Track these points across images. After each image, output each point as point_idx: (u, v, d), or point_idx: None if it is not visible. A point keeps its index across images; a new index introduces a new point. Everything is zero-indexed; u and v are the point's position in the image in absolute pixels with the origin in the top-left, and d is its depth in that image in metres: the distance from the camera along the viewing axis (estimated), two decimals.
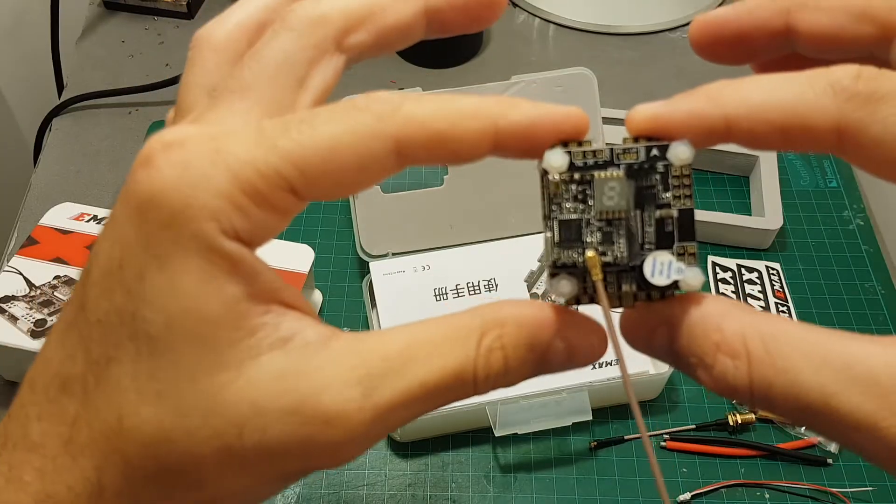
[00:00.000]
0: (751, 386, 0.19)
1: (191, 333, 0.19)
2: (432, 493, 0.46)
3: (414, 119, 0.20)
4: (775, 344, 0.19)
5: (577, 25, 0.73)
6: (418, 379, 0.20)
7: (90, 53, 0.71)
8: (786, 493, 0.46)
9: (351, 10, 0.22)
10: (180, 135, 0.19)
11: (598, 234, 0.21)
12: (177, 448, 0.19)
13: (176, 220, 0.18)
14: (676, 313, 0.21)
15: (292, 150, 0.19)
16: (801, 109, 0.19)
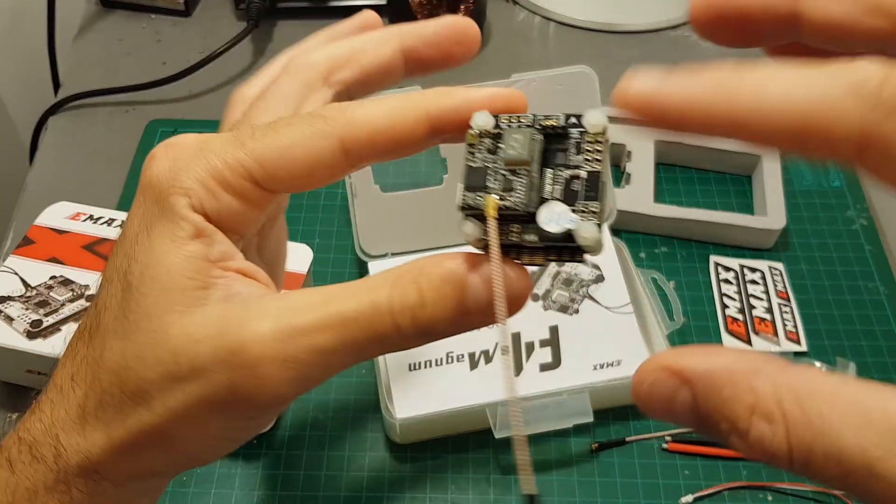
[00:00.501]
0: (790, 451, 0.17)
1: (155, 279, 0.23)
2: (432, 496, 0.46)
3: (355, 117, 0.23)
4: (812, 403, 0.17)
5: (577, 23, 0.73)
6: (334, 309, 0.22)
7: (87, 51, 0.70)
8: (789, 496, 0.46)
9: (335, 55, 0.28)
10: (179, 138, 0.25)
11: (501, 181, 0.22)
12: (132, 374, 0.23)
13: (161, 195, 0.24)
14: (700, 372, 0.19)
15: (255, 148, 0.23)
16: (819, 115, 0.17)
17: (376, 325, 0.22)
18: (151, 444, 0.24)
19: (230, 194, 0.24)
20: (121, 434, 0.24)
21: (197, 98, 0.67)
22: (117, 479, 0.24)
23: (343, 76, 0.27)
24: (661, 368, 0.19)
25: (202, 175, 0.23)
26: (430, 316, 0.22)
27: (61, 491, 0.24)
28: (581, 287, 0.50)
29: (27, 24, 0.82)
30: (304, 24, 0.73)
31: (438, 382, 0.47)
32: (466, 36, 0.28)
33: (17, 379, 0.48)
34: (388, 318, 0.22)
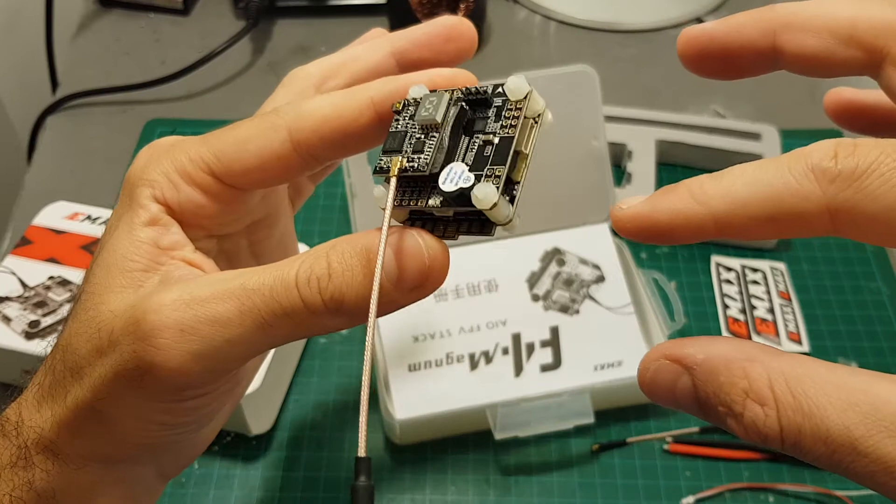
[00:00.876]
0: (781, 432, 0.19)
1: (105, 262, 0.25)
2: (431, 497, 0.45)
3: (302, 109, 0.24)
4: (800, 386, 0.19)
5: (578, 22, 0.73)
6: (238, 281, 0.22)
7: (85, 51, 0.70)
8: (790, 497, 0.45)
9: (328, 64, 0.29)
10: (160, 140, 0.27)
11: (413, 144, 0.22)
12: (71, 350, 0.24)
13: (132, 187, 0.25)
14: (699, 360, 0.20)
15: (215, 144, 0.25)
16: (787, 200, 0.19)
17: (280, 296, 0.22)
18: (88, 421, 0.24)
19: (191, 186, 0.25)
20: (62, 409, 0.24)
21: (195, 97, 0.67)
22: (71, 460, 0.25)
23: (335, 83, 0.28)
24: (664, 356, 0.21)
25: (167, 168, 0.25)
26: (336, 288, 0.22)
27: (22, 466, 0.25)
28: (582, 287, 0.50)
29: (25, 23, 0.81)
30: (303, 22, 0.73)
31: (438, 383, 0.47)
32: (459, 33, 0.28)
33: (14, 380, 0.47)
34: (292, 290, 0.22)
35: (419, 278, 0.22)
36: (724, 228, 0.20)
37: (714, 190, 0.20)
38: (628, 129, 0.59)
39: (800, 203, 0.19)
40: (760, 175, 0.20)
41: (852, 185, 0.18)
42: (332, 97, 0.24)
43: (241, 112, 0.72)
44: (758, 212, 0.19)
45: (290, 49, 0.71)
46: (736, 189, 0.20)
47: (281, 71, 0.69)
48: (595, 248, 0.52)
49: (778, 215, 0.19)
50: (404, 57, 0.28)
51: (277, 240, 0.31)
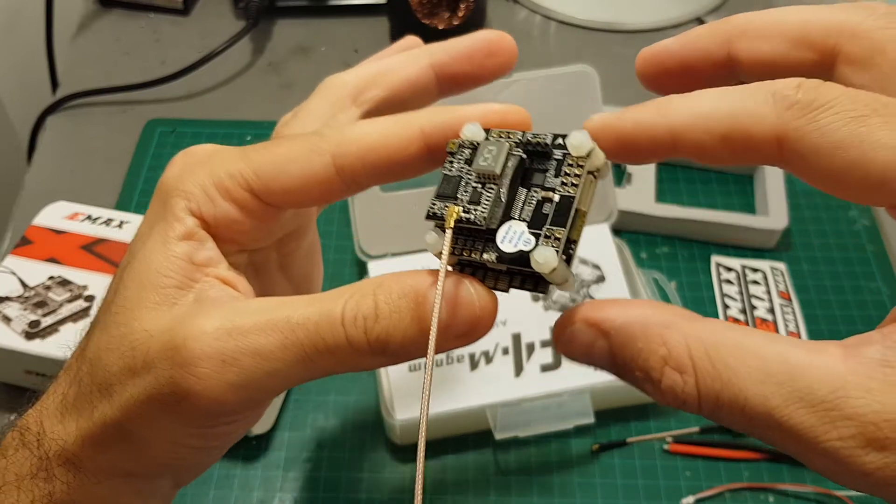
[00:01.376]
0: (699, 399, 0.19)
1: (137, 275, 0.24)
2: (432, 497, 0.45)
3: (347, 135, 0.24)
4: (718, 354, 0.19)
5: (578, 22, 0.73)
6: (283, 314, 0.22)
7: (85, 51, 0.70)
8: (790, 497, 0.45)
9: (366, 74, 0.28)
10: (196, 147, 0.26)
11: (470, 193, 0.21)
12: (101, 364, 0.24)
13: (165, 197, 0.24)
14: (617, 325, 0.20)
15: (255, 159, 0.24)
16: (742, 118, 0.19)
17: (324, 332, 0.21)
18: (115, 439, 0.24)
19: (228, 201, 0.24)
20: (88, 424, 0.24)
21: (195, 97, 0.66)
22: (93, 473, 0.24)
23: (371, 95, 0.28)
24: (581, 320, 0.21)
25: (204, 181, 0.24)
26: (383, 329, 0.21)
27: (43, 478, 0.24)
28: (582, 287, 0.50)
29: (25, 23, 0.81)
30: (303, 22, 0.73)
31: (439, 383, 0.47)
32: (500, 47, 0.28)
33: (15, 380, 0.47)
34: (338, 327, 0.21)
35: (468, 328, 0.21)
36: (679, 143, 0.20)
37: (678, 103, 0.20)
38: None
39: (753, 124, 0.19)
40: (724, 95, 0.20)
41: (806, 116, 0.19)
42: (381, 124, 0.24)
43: (241, 112, 0.72)
44: (713, 127, 0.20)
45: (290, 49, 0.71)
46: (698, 104, 0.20)
47: (281, 70, 0.69)
48: (595, 248, 0.52)
49: (731, 134, 0.20)
50: (443, 70, 0.28)
51: (305, 251, 0.30)
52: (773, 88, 0.19)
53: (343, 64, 0.70)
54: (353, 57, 0.70)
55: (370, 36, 0.72)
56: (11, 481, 0.24)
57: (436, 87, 0.28)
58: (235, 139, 0.63)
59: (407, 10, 0.66)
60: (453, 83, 0.28)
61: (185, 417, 0.23)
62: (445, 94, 0.29)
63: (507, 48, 0.28)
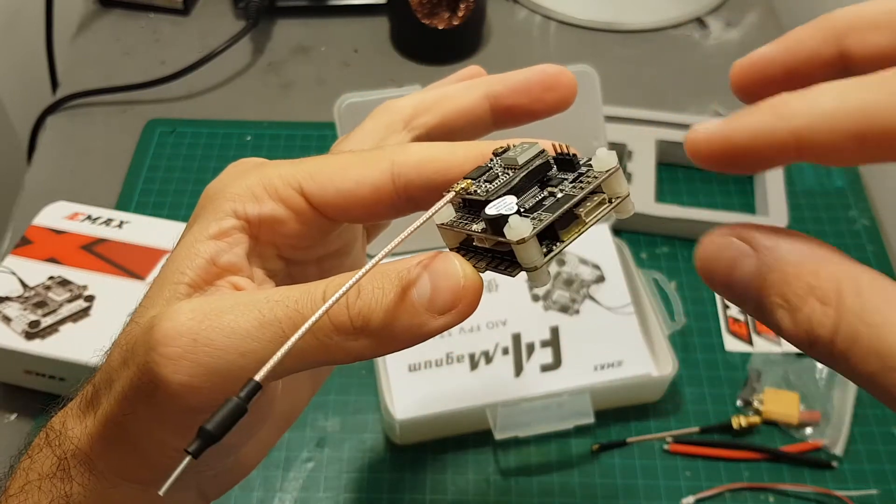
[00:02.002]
0: (834, 335, 0.17)
1: (162, 274, 0.24)
2: (432, 497, 0.45)
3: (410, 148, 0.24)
4: (871, 296, 0.17)
5: (578, 22, 0.73)
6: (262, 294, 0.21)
7: (85, 51, 0.70)
8: (790, 497, 0.45)
9: (421, 100, 0.28)
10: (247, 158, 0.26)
11: (487, 174, 0.22)
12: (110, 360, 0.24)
13: (209, 199, 0.25)
14: (770, 245, 0.19)
15: (311, 165, 0.24)
16: (879, 114, 0.17)
17: (304, 308, 0.21)
18: (115, 437, 0.23)
19: (275, 201, 0.24)
20: (93, 421, 0.24)
21: (195, 97, 0.66)
22: (108, 476, 0.24)
23: (424, 120, 0.28)
24: (736, 233, 0.20)
25: (253, 183, 0.24)
26: (365, 304, 0.20)
27: (61, 478, 0.24)
28: (582, 287, 0.50)
29: (25, 23, 0.81)
30: (303, 22, 0.73)
31: (438, 383, 0.47)
32: (558, 82, 0.27)
33: (15, 380, 0.47)
34: (318, 304, 0.20)
35: (451, 300, 0.20)
36: (806, 147, 0.18)
37: (798, 103, 0.18)
38: (628, 129, 0.59)
39: (892, 118, 0.17)
40: (851, 88, 0.18)
41: None
42: (442, 144, 0.24)
43: (241, 112, 0.72)
44: (844, 127, 0.18)
45: (290, 49, 0.71)
46: (822, 101, 0.18)
47: (281, 71, 0.69)
48: (595, 248, 0.52)
49: (868, 132, 0.17)
50: (499, 102, 0.27)
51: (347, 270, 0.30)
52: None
53: (343, 64, 0.70)
54: (353, 57, 0.70)
55: (370, 36, 0.72)
56: (34, 480, 0.24)
57: (490, 118, 0.28)
58: (235, 139, 0.63)
59: (407, 10, 0.66)
60: (508, 115, 0.28)
61: (163, 410, 0.22)
62: (500, 126, 0.28)
63: (565, 84, 0.27)
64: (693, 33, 0.72)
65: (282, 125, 0.64)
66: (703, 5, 0.74)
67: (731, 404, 0.49)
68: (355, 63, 0.70)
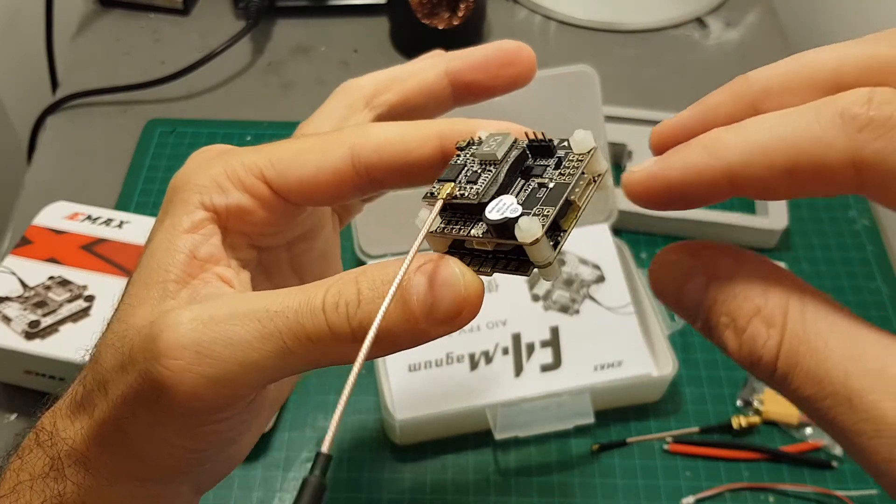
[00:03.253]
0: (777, 358, 0.18)
1: (143, 272, 0.24)
2: (432, 498, 0.45)
3: (367, 130, 0.24)
4: (815, 321, 0.17)
5: (578, 22, 0.73)
6: (261, 303, 0.21)
7: (85, 51, 0.70)
8: (790, 497, 0.45)
9: (381, 79, 0.28)
10: (212, 146, 0.26)
11: (468, 175, 0.22)
12: (101, 361, 0.24)
13: (176, 191, 0.25)
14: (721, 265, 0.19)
15: (272, 152, 0.25)
16: (808, 146, 0.17)
17: (305, 320, 0.20)
18: (113, 438, 0.23)
19: (240, 191, 0.24)
20: (90, 422, 0.24)
21: (195, 97, 0.66)
22: (103, 475, 0.24)
23: (385, 98, 0.28)
24: (687, 250, 0.20)
25: (217, 174, 0.24)
26: (365, 314, 0.20)
27: (54, 478, 0.24)
28: (582, 287, 0.50)
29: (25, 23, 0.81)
30: (303, 22, 0.73)
31: (438, 383, 0.47)
32: (517, 58, 0.27)
33: (15, 380, 0.47)
34: (319, 314, 0.20)
35: (453, 309, 0.20)
36: (739, 183, 0.18)
37: (730, 139, 0.18)
38: (628, 129, 0.59)
39: (822, 151, 0.17)
40: (782, 121, 0.18)
41: (885, 136, 0.16)
42: (400, 125, 0.24)
43: (241, 112, 0.72)
44: (776, 162, 0.17)
45: (290, 49, 0.71)
46: (754, 137, 0.18)
47: (281, 71, 0.69)
48: (595, 247, 0.52)
49: (798, 166, 0.17)
50: (458, 78, 0.28)
51: (319, 253, 0.30)
52: (838, 107, 0.17)
53: (343, 64, 0.70)
54: (352, 57, 0.70)
55: (370, 36, 0.72)
56: (25, 481, 0.24)
57: (450, 95, 0.28)
58: (235, 139, 0.63)
59: (407, 10, 0.66)
60: (467, 92, 0.28)
61: (165, 414, 0.22)
62: (460, 103, 0.28)
63: (524, 60, 0.27)
64: (693, 33, 0.72)
65: (282, 125, 0.64)
66: (703, 5, 0.74)
67: (731, 404, 0.49)
68: (355, 63, 0.70)
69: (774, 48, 0.70)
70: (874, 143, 0.17)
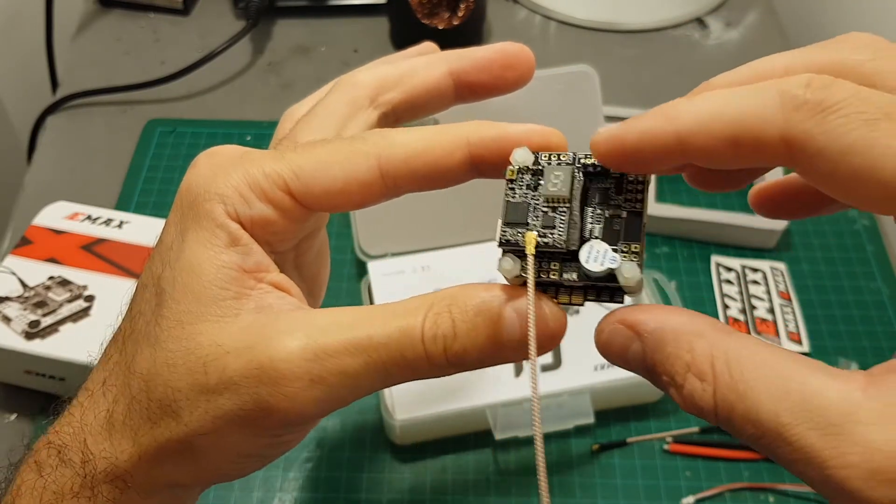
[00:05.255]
0: (715, 408, 0.19)
1: (188, 288, 0.23)
2: (432, 498, 0.45)
3: (393, 140, 0.24)
4: (739, 368, 0.19)
5: (578, 23, 0.73)
6: (364, 332, 0.22)
7: (85, 51, 0.70)
8: (790, 497, 0.45)
9: (385, 76, 0.28)
10: (222, 148, 0.25)
11: (541, 218, 0.22)
12: (161, 381, 0.23)
13: (196, 201, 0.24)
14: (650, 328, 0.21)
15: (293, 159, 0.24)
16: (749, 120, 0.19)
17: (406, 352, 0.22)
18: (176, 455, 0.23)
19: (264, 203, 0.24)
20: (147, 442, 0.23)
21: (195, 97, 0.67)
22: (143, 488, 0.24)
23: (390, 97, 0.27)
24: (619, 321, 0.22)
25: (238, 182, 0.23)
26: (461, 348, 0.22)
27: (86, 497, 0.24)
28: None
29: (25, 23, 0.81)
30: (304, 22, 0.73)
31: (438, 384, 0.47)
32: (519, 60, 0.28)
33: (15, 380, 0.47)
34: (418, 345, 0.22)
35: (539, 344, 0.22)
36: (687, 148, 0.20)
37: (684, 107, 0.20)
38: None
39: (760, 126, 0.19)
40: (731, 96, 0.20)
41: (814, 117, 0.18)
42: (427, 132, 0.24)
43: (241, 112, 0.72)
44: (720, 131, 0.19)
45: (290, 49, 0.71)
46: (704, 107, 0.20)
47: (281, 71, 0.69)
48: None
49: (739, 137, 0.19)
50: (461, 79, 0.28)
51: (316, 250, 0.30)
52: (781, 87, 0.19)
53: (343, 64, 0.70)
54: (353, 57, 0.70)
55: (370, 36, 0.72)
56: (50, 500, 0.24)
57: (453, 93, 0.28)
58: (235, 139, 0.63)
59: (407, 10, 0.66)
60: (469, 91, 0.28)
61: (262, 430, 0.23)
62: (461, 101, 0.29)
63: (525, 63, 0.28)
64: (693, 33, 0.72)
65: None
66: (703, 5, 0.74)
67: None
68: (355, 63, 0.69)
69: (774, 48, 0.70)
70: (805, 122, 0.18)
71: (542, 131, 0.24)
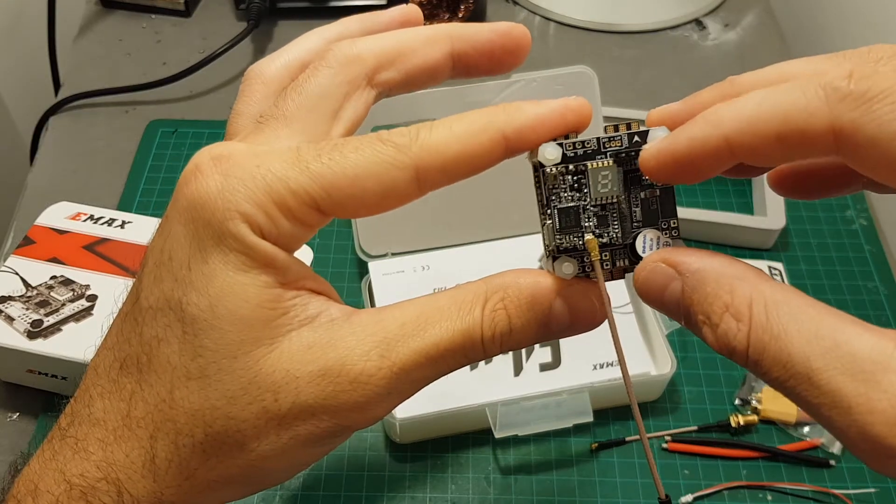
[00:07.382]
0: (747, 348, 0.20)
1: (232, 315, 0.22)
2: (432, 496, 0.46)
3: (430, 146, 0.22)
4: (776, 312, 0.20)
5: (577, 23, 0.73)
6: (432, 340, 0.23)
7: (87, 52, 0.70)
8: (788, 495, 0.46)
9: (383, 51, 0.25)
10: (228, 149, 0.23)
11: (594, 218, 0.23)
12: (220, 414, 0.22)
13: (216, 219, 0.22)
14: (693, 269, 0.21)
15: (322, 174, 0.22)
16: (795, 115, 0.19)
17: (468, 353, 0.23)
18: (240, 479, 0.23)
19: (290, 221, 0.22)
20: (203, 474, 0.23)
21: (197, 98, 0.67)
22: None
23: (389, 76, 0.26)
24: (662, 259, 0.22)
25: (262, 199, 0.22)
26: (516, 342, 0.23)
27: None
28: None
29: (27, 24, 0.82)
30: (305, 24, 0.73)
31: (438, 382, 0.47)
32: (520, 46, 0.27)
33: (17, 379, 0.48)
34: (478, 345, 0.23)
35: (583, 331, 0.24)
36: (737, 150, 0.20)
37: (726, 111, 0.20)
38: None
39: (806, 119, 0.19)
40: (772, 94, 0.20)
41: (861, 107, 0.18)
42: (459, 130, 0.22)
43: None
44: (766, 129, 0.20)
45: None
46: (748, 107, 0.20)
47: None
48: None
49: (785, 132, 0.19)
50: (461, 61, 0.27)
51: None
52: (822, 81, 0.19)
53: None
54: None
55: None
56: None
57: (449, 73, 0.27)
58: None
59: None
60: (465, 72, 0.27)
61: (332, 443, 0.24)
62: (455, 78, 0.28)
63: (525, 48, 0.27)
64: (691, 34, 0.73)
65: None
66: (702, 6, 0.74)
67: (729, 403, 0.49)
68: None
69: (772, 49, 0.71)
70: (851, 112, 0.19)
71: (576, 108, 0.23)
